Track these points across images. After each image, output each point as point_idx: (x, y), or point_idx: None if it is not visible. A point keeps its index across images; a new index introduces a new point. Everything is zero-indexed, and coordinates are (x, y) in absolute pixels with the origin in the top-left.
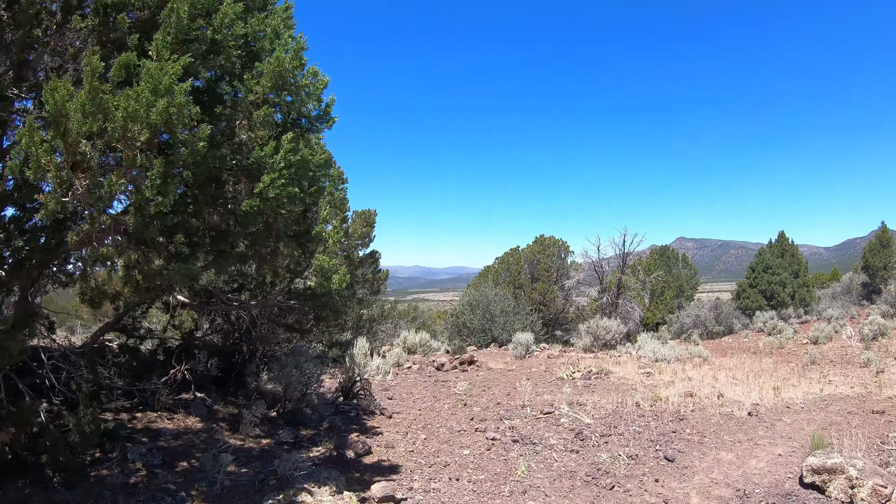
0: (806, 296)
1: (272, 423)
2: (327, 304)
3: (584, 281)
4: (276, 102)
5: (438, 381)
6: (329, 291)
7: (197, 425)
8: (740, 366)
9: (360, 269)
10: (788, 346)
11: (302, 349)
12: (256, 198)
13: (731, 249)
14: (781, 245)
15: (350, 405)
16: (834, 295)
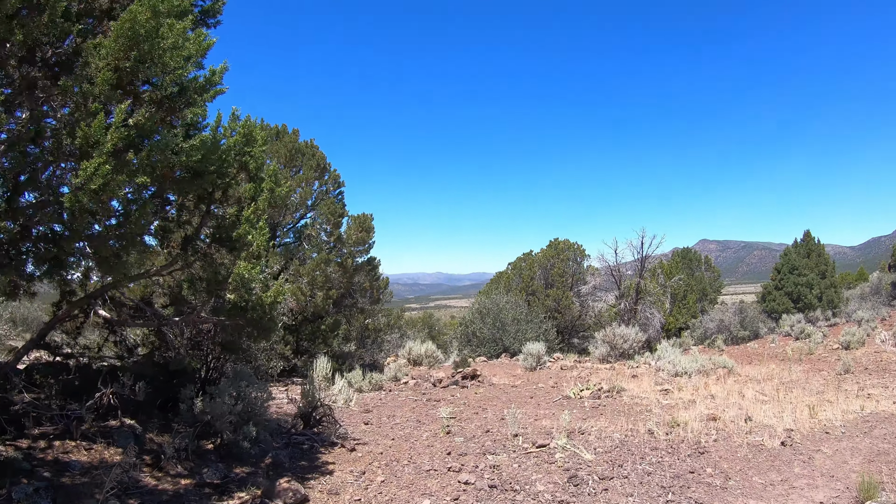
0: (834, 297)
1: (202, 458)
2: (251, 320)
3: (600, 286)
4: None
5: (431, 399)
6: (253, 306)
7: (116, 458)
8: (769, 377)
9: (357, 276)
10: (818, 352)
11: (245, 370)
12: (77, 189)
13: (755, 251)
14: (807, 245)
15: (308, 435)
16: (863, 296)
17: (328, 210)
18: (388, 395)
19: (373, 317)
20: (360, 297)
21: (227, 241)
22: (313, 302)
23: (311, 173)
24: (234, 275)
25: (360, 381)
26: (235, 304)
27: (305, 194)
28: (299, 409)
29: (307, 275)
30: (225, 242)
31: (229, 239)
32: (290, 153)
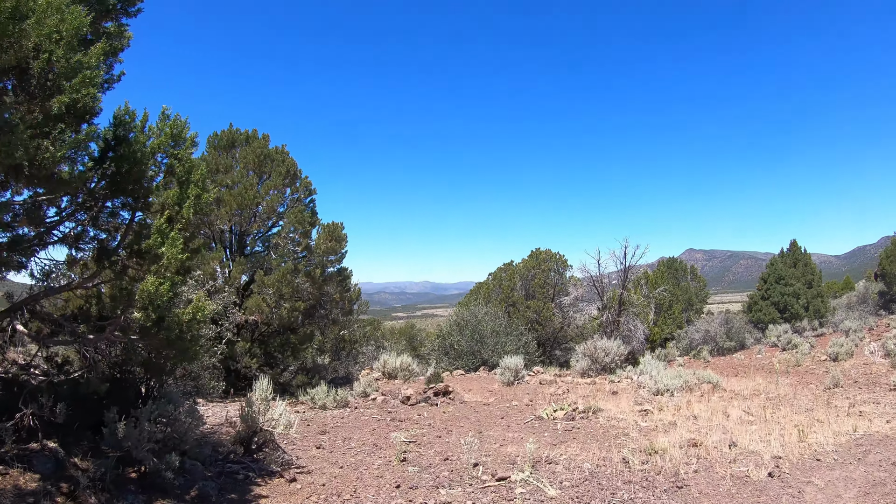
0: (821, 307)
1: (122, 488)
2: (165, 341)
3: (583, 297)
4: None
5: (396, 419)
6: (168, 325)
7: (31, 485)
8: (755, 392)
9: (327, 287)
10: (806, 364)
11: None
12: None
13: (741, 260)
14: (794, 254)
15: (245, 462)
16: (849, 305)
17: (295, 218)
18: (353, 413)
19: (348, 328)
20: (332, 308)
21: (142, 253)
22: (278, 314)
23: (279, 180)
24: (139, 290)
25: (324, 397)
26: (143, 324)
27: (273, 201)
28: (238, 433)
29: (272, 286)
30: (143, 255)
31: (143, 251)
32: (258, 159)
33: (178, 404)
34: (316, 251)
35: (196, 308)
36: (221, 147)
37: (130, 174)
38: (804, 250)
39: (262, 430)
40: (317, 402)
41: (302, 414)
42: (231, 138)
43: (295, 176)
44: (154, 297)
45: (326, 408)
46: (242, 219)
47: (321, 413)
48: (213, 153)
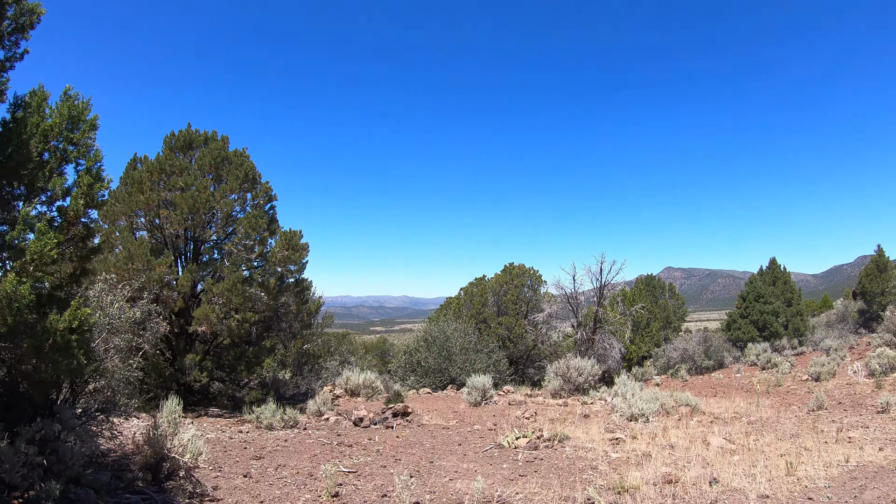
0: (800, 325)
1: None
2: (33, 350)
3: (557, 314)
4: None
5: (343, 444)
6: (44, 331)
7: None
8: (736, 416)
9: (283, 298)
10: (787, 384)
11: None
12: None
13: (719, 278)
14: (773, 272)
15: (150, 492)
16: (829, 323)
17: (249, 224)
18: (299, 435)
19: (311, 341)
20: (292, 320)
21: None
22: (227, 325)
23: (236, 184)
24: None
25: (270, 416)
26: None
27: (227, 206)
28: (144, 458)
29: (221, 295)
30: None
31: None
32: (215, 161)
33: (70, 424)
34: (271, 260)
35: (72, 317)
36: (178, 147)
37: (13, 158)
38: (783, 268)
39: (169, 455)
40: (262, 421)
41: (244, 434)
42: (188, 139)
43: (254, 180)
44: (12, 298)
45: (273, 428)
46: (196, 223)
47: (265, 434)
48: (168, 154)
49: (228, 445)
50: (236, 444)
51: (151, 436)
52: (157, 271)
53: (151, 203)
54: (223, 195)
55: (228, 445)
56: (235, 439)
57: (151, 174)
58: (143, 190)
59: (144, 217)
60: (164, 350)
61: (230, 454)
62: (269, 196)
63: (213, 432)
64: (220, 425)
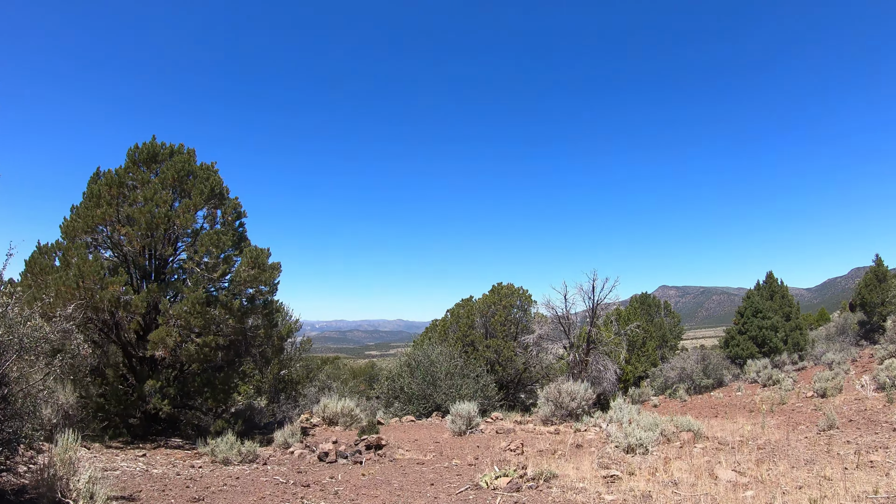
0: (800, 339)
1: None
2: None
3: (548, 335)
4: None
5: (301, 482)
6: None
7: None
8: (742, 440)
9: (250, 321)
10: (791, 401)
11: None
12: None
13: (714, 295)
14: (770, 286)
15: None
16: (828, 336)
17: (209, 241)
18: (254, 472)
19: (288, 367)
20: (265, 345)
21: None
22: (185, 349)
23: (200, 199)
24: None
25: (227, 450)
26: None
27: (187, 222)
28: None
29: (179, 316)
30: None
31: None
32: (178, 175)
33: None
34: (235, 280)
35: None
36: (141, 161)
37: None
38: (781, 282)
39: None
40: (217, 455)
41: (195, 470)
42: (153, 152)
43: (221, 196)
44: None
45: (228, 463)
46: (157, 240)
47: (218, 470)
48: (131, 167)
49: (170, 484)
50: (180, 482)
51: (46, 477)
52: (111, 290)
53: (108, 218)
54: (185, 210)
55: (170, 484)
56: (182, 476)
57: (110, 188)
58: (101, 204)
59: (103, 234)
60: (127, 375)
61: (167, 494)
62: (237, 213)
63: (162, 466)
64: (175, 458)
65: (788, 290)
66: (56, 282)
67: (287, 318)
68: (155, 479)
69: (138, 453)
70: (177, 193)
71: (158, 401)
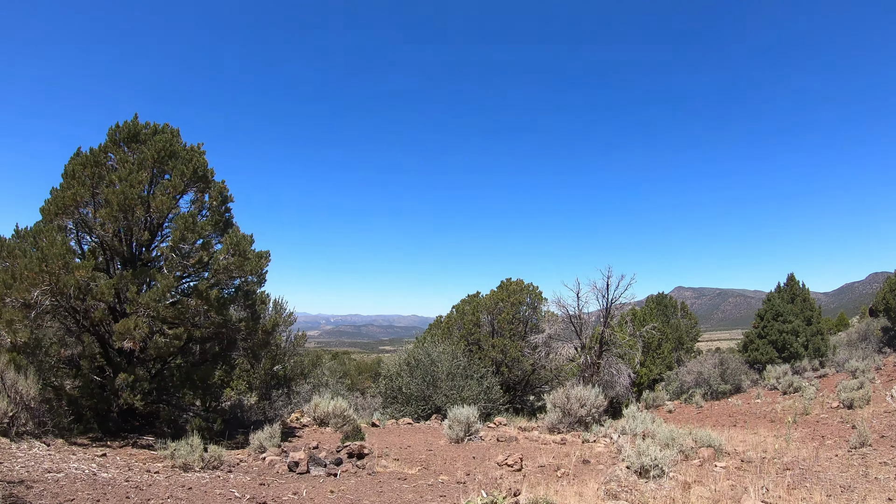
0: (821, 345)
1: None
2: None
3: (559, 335)
4: None
5: (255, 499)
6: None
7: None
8: (766, 456)
9: (229, 312)
10: (815, 412)
11: None
12: None
13: (730, 297)
14: (791, 289)
15: None
16: (850, 342)
17: (184, 225)
18: (212, 481)
19: (281, 362)
20: (245, 338)
21: None
22: (154, 342)
23: (180, 180)
24: None
25: (187, 453)
26: None
27: (164, 204)
28: None
29: (147, 305)
30: None
31: None
32: (159, 155)
33: None
34: (213, 267)
35: None
36: (122, 140)
37: None
38: (802, 284)
39: None
40: (177, 458)
41: (150, 476)
42: (134, 131)
43: (205, 178)
44: None
45: (188, 469)
46: (131, 224)
47: (175, 477)
48: (111, 146)
49: (110, 493)
50: (122, 490)
51: None
52: (77, 276)
53: (81, 199)
54: (163, 192)
55: (110, 493)
56: (131, 482)
57: (84, 168)
58: (72, 185)
59: (76, 217)
60: (105, 367)
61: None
62: (222, 197)
63: (115, 469)
64: (137, 460)
65: (810, 294)
66: (21, 266)
67: (279, 311)
68: (97, 486)
69: (98, 452)
70: (157, 174)
71: (129, 396)
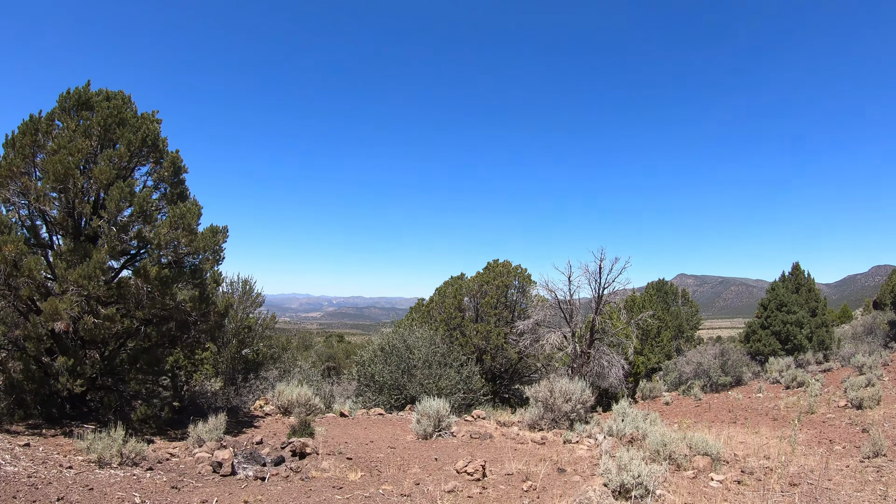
0: (825, 337)
1: None
2: None
3: (547, 322)
4: None
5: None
6: None
7: None
8: (771, 468)
9: (173, 291)
10: (821, 410)
11: None
12: None
13: (732, 286)
14: (796, 279)
15: None
16: (855, 336)
17: (119, 195)
18: (123, 480)
19: (250, 346)
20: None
21: None
22: (83, 322)
23: (125, 150)
24: None
25: (102, 448)
26: None
27: (104, 174)
28: None
29: (75, 283)
30: None
31: None
32: (105, 121)
33: None
34: (153, 241)
35: None
36: (71, 107)
37: None
38: (808, 274)
39: None
40: (92, 453)
41: (59, 471)
42: (85, 98)
43: (155, 147)
44: None
45: (104, 464)
46: (71, 196)
47: (86, 472)
48: (60, 114)
49: (1, 492)
50: (12, 489)
51: None
52: (6, 250)
53: (16, 169)
54: (107, 161)
55: (1, 492)
56: (34, 478)
57: (24, 136)
58: (9, 155)
59: (12, 189)
60: (54, 349)
61: None
62: (175, 168)
63: (28, 462)
64: (60, 452)
65: (815, 284)
66: None
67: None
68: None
69: (22, 442)
70: (105, 143)
71: (68, 381)
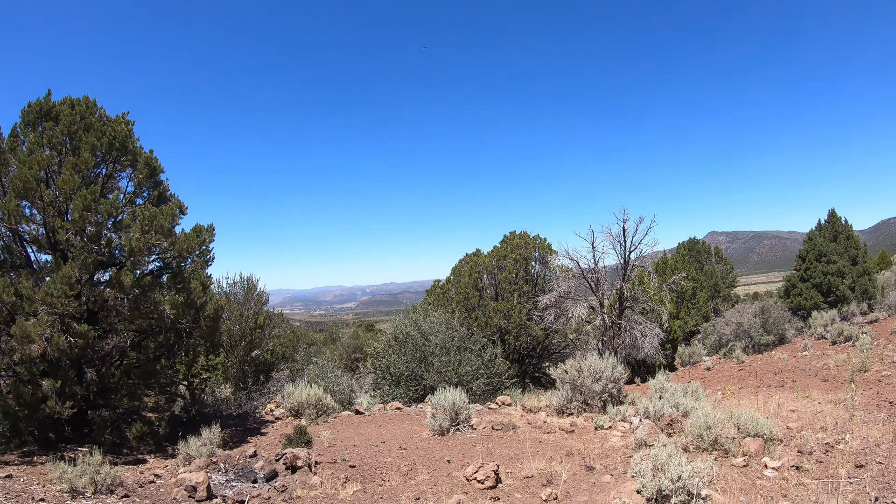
0: (868, 287)
1: None
2: None
3: (572, 294)
4: None
5: None
6: None
7: None
8: (831, 446)
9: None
10: (875, 367)
11: None
12: None
13: (765, 240)
14: (833, 226)
15: None
16: None
17: (82, 204)
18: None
19: (260, 347)
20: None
21: None
22: (55, 343)
23: (90, 155)
24: None
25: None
26: None
27: (67, 184)
28: None
29: (43, 301)
30: None
31: None
32: (69, 131)
33: None
34: (125, 248)
35: None
36: (33, 120)
37: None
38: (845, 220)
39: None
40: (64, 483)
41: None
42: (47, 108)
43: (124, 149)
44: None
45: (77, 494)
46: (40, 209)
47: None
48: (24, 129)
49: None
50: None
51: None
52: None
53: None
54: (70, 169)
55: None
56: None
57: None
58: None
59: None
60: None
61: None
62: (150, 169)
63: None
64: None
65: (854, 230)
66: None
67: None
68: None
69: (3, 473)
70: (70, 152)
71: (55, 404)
